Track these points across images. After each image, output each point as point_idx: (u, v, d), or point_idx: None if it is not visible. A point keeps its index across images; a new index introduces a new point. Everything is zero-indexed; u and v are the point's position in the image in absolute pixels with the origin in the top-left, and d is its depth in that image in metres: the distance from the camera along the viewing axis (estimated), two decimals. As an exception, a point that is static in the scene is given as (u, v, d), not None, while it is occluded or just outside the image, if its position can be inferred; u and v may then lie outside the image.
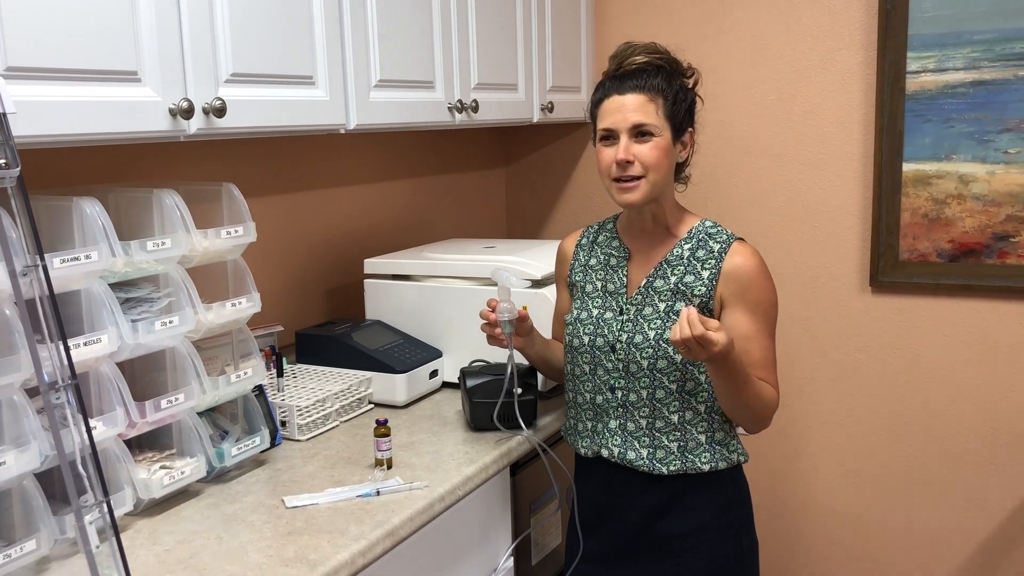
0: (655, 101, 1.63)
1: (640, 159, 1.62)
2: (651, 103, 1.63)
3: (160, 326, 1.49)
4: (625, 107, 1.63)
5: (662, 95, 1.63)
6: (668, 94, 1.64)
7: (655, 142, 1.63)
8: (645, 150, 1.62)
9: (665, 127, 1.63)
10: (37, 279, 1.13)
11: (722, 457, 1.68)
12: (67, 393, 1.14)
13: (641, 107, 1.62)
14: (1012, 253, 2.51)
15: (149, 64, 1.43)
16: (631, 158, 1.62)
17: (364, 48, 1.91)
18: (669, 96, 1.64)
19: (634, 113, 1.62)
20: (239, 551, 1.39)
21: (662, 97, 1.63)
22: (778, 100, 2.76)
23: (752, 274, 1.65)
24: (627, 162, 1.62)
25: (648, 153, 1.62)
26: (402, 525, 1.50)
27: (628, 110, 1.62)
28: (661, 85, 1.64)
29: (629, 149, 1.62)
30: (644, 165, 1.62)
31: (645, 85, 1.63)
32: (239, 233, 1.65)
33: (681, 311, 1.50)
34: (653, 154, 1.62)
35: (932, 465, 2.71)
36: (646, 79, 1.64)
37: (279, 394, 1.93)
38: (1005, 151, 2.48)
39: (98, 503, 1.15)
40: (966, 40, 2.47)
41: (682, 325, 1.46)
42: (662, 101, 1.63)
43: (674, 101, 1.65)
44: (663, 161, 1.64)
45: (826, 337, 2.79)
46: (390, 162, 2.70)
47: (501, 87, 2.44)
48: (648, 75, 1.64)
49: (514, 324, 1.75)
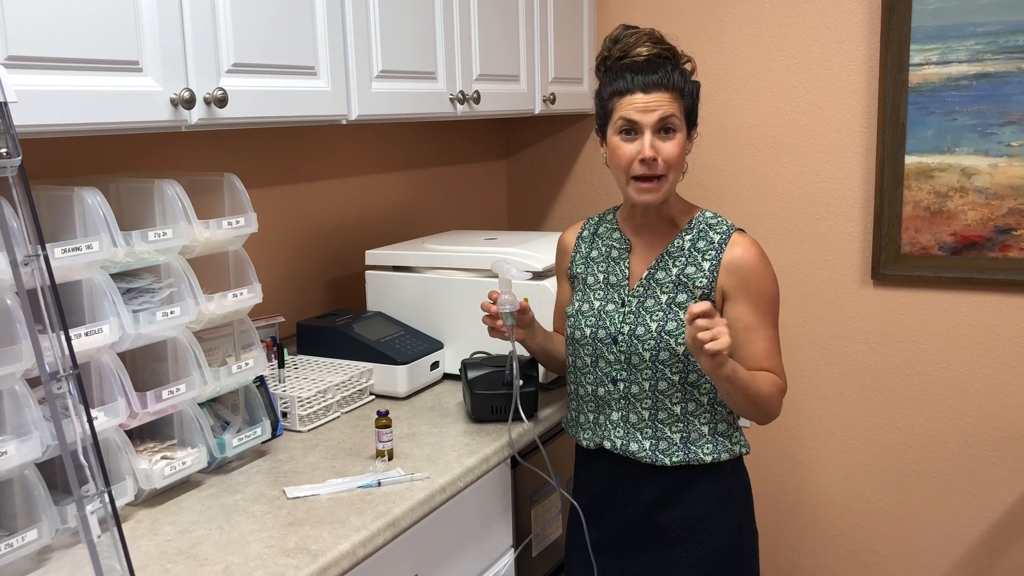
0: (677, 99, 1.62)
1: (663, 156, 1.61)
2: (675, 101, 1.62)
3: (161, 316, 1.49)
4: (652, 102, 1.61)
5: (681, 92, 1.63)
6: (685, 92, 1.64)
7: (677, 139, 1.62)
8: (669, 147, 1.61)
9: (683, 124, 1.64)
10: (38, 269, 1.13)
11: (724, 448, 1.68)
12: (68, 383, 1.14)
13: (666, 103, 1.61)
14: (1014, 246, 2.51)
15: (150, 54, 1.42)
16: (656, 155, 1.61)
17: (366, 38, 1.90)
18: (687, 93, 1.64)
19: (661, 108, 1.60)
20: (240, 541, 1.40)
21: (681, 95, 1.63)
22: (780, 92, 2.75)
23: (752, 265, 1.65)
24: (653, 159, 1.60)
25: (671, 150, 1.61)
26: (403, 516, 1.51)
27: (655, 104, 1.60)
28: (679, 82, 1.63)
29: (655, 145, 1.61)
30: (667, 163, 1.61)
31: (667, 82, 1.61)
32: (240, 224, 1.65)
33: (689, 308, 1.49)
34: (676, 151, 1.61)
35: (933, 458, 2.71)
36: (667, 75, 1.62)
37: (280, 385, 1.93)
38: (1008, 144, 2.47)
39: (99, 493, 1.15)
40: (970, 32, 2.46)
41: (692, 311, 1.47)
42: (681, 99, 1.63)
43: (691, 99, 1.65)
44: (682, 159, 1.64)
45: (827, 330, 2.78)
46: (391, 153, 2.70)
47: (503, 78, 2.43)
48: (666, 71, 1.62)
49: (515, 316, 1.75)
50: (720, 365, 1.50)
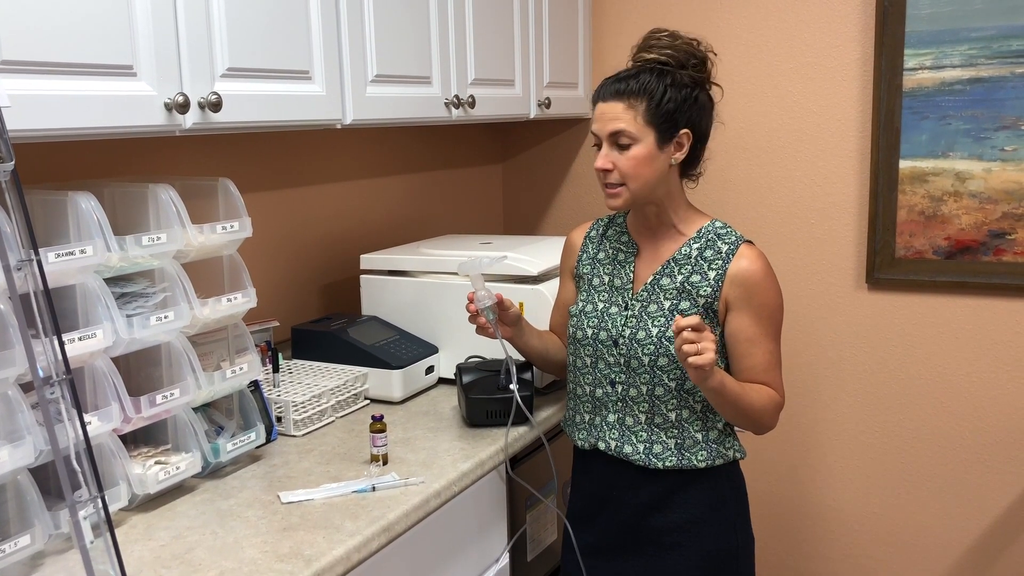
0: (634, 107, 1.60)
1: (618, 167, 1.63)
2: (629, 110, 1.61)
3: (155, 321, 1.49)
4: (605, 114, 1.63)
5: (647, 97, 1.60)
6: (655, 95, 1.60)
7: (633, 151, 1.61)
8: (622, 159, 1.62)
9: (647, 132, 1.61)
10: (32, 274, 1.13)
11: (718, 454, 1.69)
12: (62, 388, 1.14)
13: (618, 115, 1.61)
14: (1008, 250, 2.51)
15: (145, 58, 1.42)
16: (610, 166, 1.63)
17: (360, 43, 1.90)
18: (655, 97, 1.60)
19: (611, 122, 1.62)
20: (234, 546, 1.39)
21: (644, 101, 1.60)
22: (774, 96, 2.76)
23: (757, 278, 1.65)
24: (606, 170, 1.63)
25: (625, 163, 1.62)
26: (398, 521, 1.50)
27: (607, 118, 1.62)
28: (643, 88, 1.60)
29: (608, 157, 1.63)
30: (622, 173, 1.63)
31: (625, 90, 1.61)
32: (235, 228, 1.65)
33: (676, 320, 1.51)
34: (629, 164, 1.62)
35: (928, 462, 2.71)
36: (630, 83, 1.62)
37: (275, 389, 1.93)
38: (1002, 148, 2.48)
39: (92, 498, 1.14)
40: (963, 37, 2.47)
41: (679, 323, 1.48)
42: (643, 106, 1.60)
43: (659, 103, 1.60)
44: (641, 170, 1.62)
45: (822, 334, 2.79)
46: (386, 158, 2.70)
47: (498, 83, 2.43)
48: (635, 79, 1.61)
49: (495, 310, 1.75)
50: (705, 377, 1.51)
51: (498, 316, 1.76)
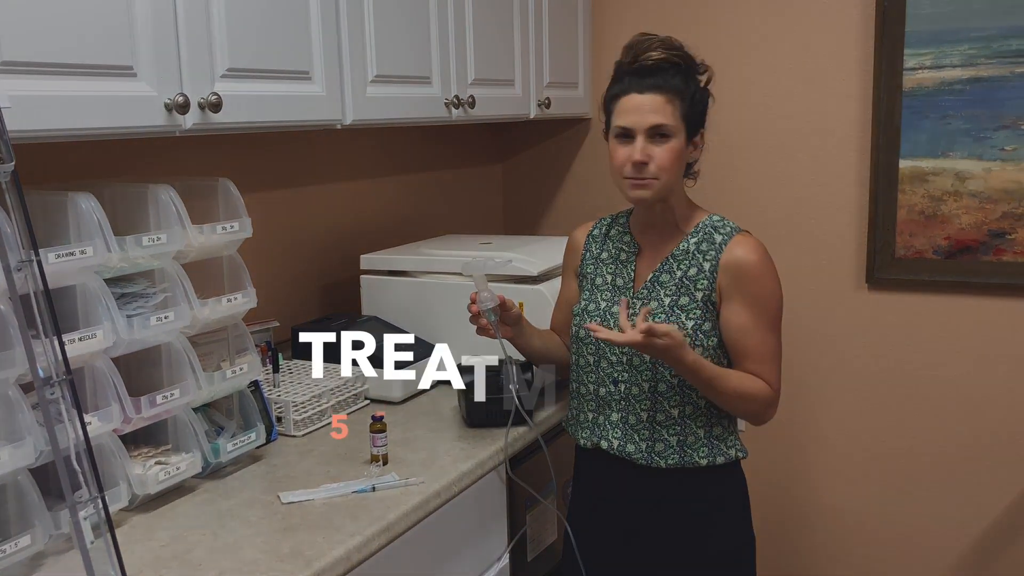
0: (673, 102, 1.62)
1: (656, 160, 1.62)
2: (669, 104, 1.61)
3: (155, 321, 1.49)
4: (643, 107, 1.61)
5: (680, 96, 1.62)
6: (686, 95, 1.63)
7: (671, 144, 1.62)
8: (661, 152, 1.62)
9: (681, 128, 1.63)
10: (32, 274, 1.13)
11: (720, 452, 1.69)
12: (62, 388, 1.14)
13: (660, 108, 1.61)
14: (1008, 250, 2.51)
15: (145, 59, 1.42)
16: (647, 159, 1.61)
17: (360, 43, 1.90)
18: (687, 97, 1.63)
19: (653, 114, 1.61)
20: (234, 547, 1.39)
21: (680, 98, 1.62)
22: (774, 96, 2.76)
23: (751, 266, 1.64)
24: (643, 163, 1.62)
25: (664, 155, 1.62)
26: (398, 521, 1.50)
27: (646, 110, 1.61)
28: (680, 85, 1.63)
29: (646, 150, 1.61)
30: (659, 167, 1.62)
31: (665, 85, 1.62)
32: (235, 228, 1.65)
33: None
34: (668, 156, 1.62)
35: (927, 461, 2.71)
36: (666, 78, 1.62)
37: (275, 390, 1.93)
38: (1002, 148, 2.48)
39: (93, 499, 1.14)
40: (963, 37, 2.47)
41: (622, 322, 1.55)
42: (679, 102, 1.62)
43: (691, 102, 1.64)
44: (676, 163, 1.64)
45: (822, 334, 2.79)
46: (386, 158, 2.69)
47: (498, 83, 2.43)
48: (668, 74, 1.62)
49: (497, 312, 1.75)
50: (680, 358, 1.54)
51: (499, 316, 1.76)
